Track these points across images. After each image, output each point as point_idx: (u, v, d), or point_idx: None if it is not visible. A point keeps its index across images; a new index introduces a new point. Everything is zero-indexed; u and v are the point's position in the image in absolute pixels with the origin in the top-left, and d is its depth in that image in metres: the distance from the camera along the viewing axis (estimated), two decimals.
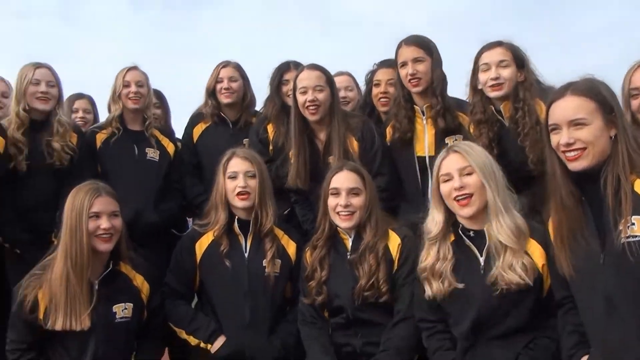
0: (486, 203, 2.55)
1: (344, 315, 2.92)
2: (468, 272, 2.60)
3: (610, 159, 2.18)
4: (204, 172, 4.12)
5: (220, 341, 3.03)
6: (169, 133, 4.32)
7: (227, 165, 3.19)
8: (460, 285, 2.57)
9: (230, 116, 4.21)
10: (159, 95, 4.61)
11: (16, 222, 3.58)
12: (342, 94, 4.21)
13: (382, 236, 2.93)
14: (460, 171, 2.56)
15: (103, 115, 4.44)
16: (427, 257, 2.66)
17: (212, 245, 3.14)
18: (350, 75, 4.52)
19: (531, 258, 2.51)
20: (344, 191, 2.94)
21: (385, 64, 3.99)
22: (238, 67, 4.26)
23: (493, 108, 3.17)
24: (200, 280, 3.17)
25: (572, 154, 2.20)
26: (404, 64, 3.35)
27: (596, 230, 2.23)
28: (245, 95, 4.25)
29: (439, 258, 2.62)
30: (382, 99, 3.92)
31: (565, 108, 2.22)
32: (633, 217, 2.10)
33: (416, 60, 3.32)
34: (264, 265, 3.11)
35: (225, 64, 4.24)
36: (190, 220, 4.53)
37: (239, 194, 3.10)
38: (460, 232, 2.65)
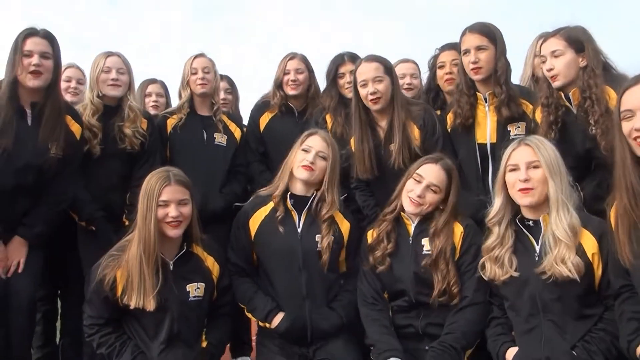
0: (546, 196, 2.62)
1: (406, 299, 3.01)
2: (524, 260, 2.70)
3: None
4: (271, 160, 4.24)
5: (278, 317, 3.13)
6: (236, 118, 4.47)
7: (305, 139, 3.30)
8: (516, 274, 2.66)
9: (297, 106, 4.31)
10: (230, 81, 4.76)
11: (91, 201, 3.79)
12: (407, 80, 4.30)
13: (448, 222, 3.01)
14: (528, 164, 2.65)
15: (175, 101, 4.63)
16: (489, 240, 2.78)
17: (266, 220, 3.25)
18: (415, 63, 4.56)
19: (583, 250, 2.59)
20: (424, 182, 3.03)
21: (448, 46, 4.01)
22: (304, 59, 4.34)
23: (562, 94, 3.13)
24: (257, 255, 3.30)
25: None
26: (467, 52, 3.35)
27: None
28: (310, 86, 4.35)
29: (499, 243, 2.73)
30: (447, 80, 3.94)
31: None
32: None
33: (479, 49, 3.31)
34: (316, 240, 3.21)
35: (292, 56, 4.33)
36: None
37: (304, 166, 3.20)
38: (518, 221, 2.74)
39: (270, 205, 3.28)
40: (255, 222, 3.28)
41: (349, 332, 3.20)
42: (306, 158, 3.21)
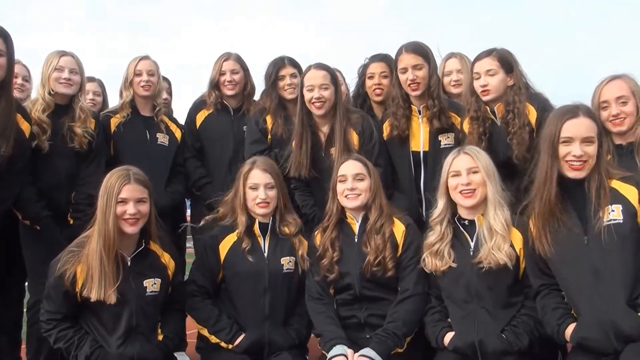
0: (485, 197, 3.02)
1: (351, 292, 3.29)
2: (460, 253, 3.08)
3: (593, 170, 2.74)
4: (206, 157, 4.48)
5: (240, 338, 3.34)
6: (175, 119, 4.60)
7: (247, 176, 3.48)
8: (454, 265, 3.04)
9: (232, 104, 4.52)
10: (168, 81, 4.87)
11: (37, 200, 3.81)
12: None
13: (388, 221, 3.31)
14: (468, 170, 3.04)
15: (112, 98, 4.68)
16: (431, 236, 3.14)
17: (235, 245, 3.45)
18: (338, 71, 4.84)
19: (512, 243, 3.00)
20: (350, 176, 3.33)
21: (377, 58, 4.33)
22: (239, 59, 4.54)
23: (488, 108, 3.54)
24: (223, 277, 3.48)
25: (579, 164, 2.72)
26: (404, 70, 3.68)
27: (578, 220, 2.76)
28: (246, 84, 4.55)
29: (440, 239, 3.10)
30: (376, 90, 4.25)
31: (581, 126, 2.75)
32: (613, 205, 2.71)
33: (416, 67, 3.65)
34: (281, 263, 3.45)
35: (227, 57, 4.51)
36: (188, 202, 4.85)
37: (259, 203, 3.42)
38: (456, 221, 3.12)
39: (236, 234, 3.47)
40: (225, 247, 3.46)
41: (299, 347, 3.48)
42: (258, 195, 3.43)
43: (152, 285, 3.20)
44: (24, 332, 4.19)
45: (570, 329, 2.75)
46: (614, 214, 2.69)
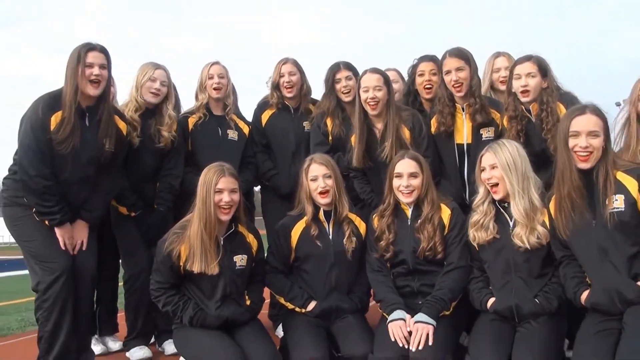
0: (506, 190, 3.58)
1: (405, 266, 3.88)
2: (502, 229, 3.63)
3: (601, 160, 3.23)
4: (272, 151, 5.08)
5: (312, 304, 3.96)
6: (243, 116, 5.20)
7: (308, 170, 4.02)
8: (497, 236, 3.60)
9: (292, 104, 5.10)
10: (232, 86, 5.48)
11: (132, 191, 4.47)
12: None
13: (437, 209, 3.86)
14: (491, 166, 3.59)
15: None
16: (475, 216, 3.70)
17: (304, 231, 4.02)
18: (396, 70, 5.39)
19: (545, 223, 3.51)
20: (405, 174, 3.86)
21: (426, 58, 4.86)
22: (295, 63, 5.11)
23: (523, 107, 4.04)
24: (296, 257, 4.08)
25: (585, 154, 3.20)
26: (449, 72, 4.20)
27: (588, 205, 3.25)
28: (302, 86, 5.12)
29: (484, 214, 3.65)
30: (426, 87, 4.78)
31: (587, 121, 3.21)
32: (616, 195, 3.17)
33: (458, 69, 4.17)
34: (344, 243, 4.03)
35: (285, 61, 5.10)
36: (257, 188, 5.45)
37: (320, 192, 3.99)
38: (497, 204, 3.68)
39: (304, 221, 4.06)
40: (296, 233, 4.03)
41: (361, 312, 4.07)
42: (318, 185, 3.97)
43: (240, 260, 3.85)
44: (119, 303, 4.89)
45: (584, 295, 3.28)
46: (617, 202, 3.15)
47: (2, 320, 7.00)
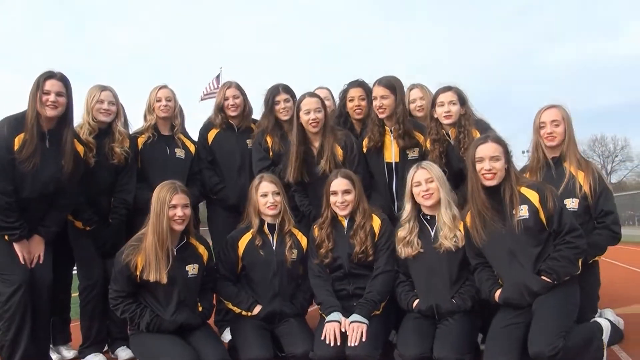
0: (439, 199, 4.12)
1: (342, 270, 4.37)
2: (424, 241, 4.16)
3: (505, 178, 3.85)
4: (219, 167, 5.47)
5: (257, 308, 4.38)
6: (189, 135, 5.55)
7: (259, 187, 4.50)
8: (422, 250, 4.13)
9: (235, 123, 5.52)
10: (179, 107, 5.81)
11: (88, 206, 4.75)
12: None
13: (369, 219, 4.37)
14: (426, 180, 4.12)
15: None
16: (401, 232, 4.22)
17: (250, 242, 4.48)
18: (327, 89, 5.88)
19: (460, 231, 4.10)
20: (339, 192, 4.36)
21: (355, 84, 5.35)
22: (238, 87, 5.54)
23: (444, 132, 4.60)
24: (243, 266, 4.51)
25: (490, 175, 3.80)
26: (375, 98, 4.73)
27: (497, 216, 3.86)
28: (245, 106, 5.55)
29: (409, 232, 4.18)
30: (356, 110, 5.28)
31: (489, 148, 3.84)
32: (521, 205, 3.79)
33: (383, 97, 4.70)
34: (286, 253, 4.46)
35: (229, 85, 5.54)
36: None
37: (269, 207, 4.46)
38: (421, 216, 4.22)
39: (251, 233, 4.51)
40: (242, 244, 4.50)
41: (302, 315, 4.51)
42: (268, 201, 4.46)
43: (192, 269, 4.24)
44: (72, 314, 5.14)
45: (498, 293, 3.86)
46: (522, 212, 3.77)
47: None
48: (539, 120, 4.36)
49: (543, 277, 3.70)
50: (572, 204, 4.12)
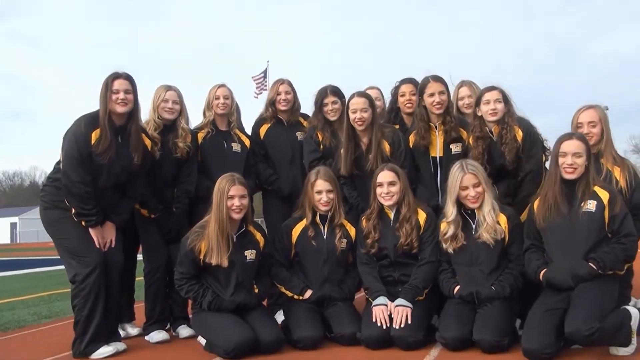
0: (484, 200, 4.39)
1: (388, 259, 4.67)
2: (466, 233, 4.43)
3: (583, 175, 4.09)
4: (271, 159, 5.82)
5: (308, 292, 4.75)
6: (245, 131, 5.92)
7: (315, 184, 4.81)
8: (465, 242, 4.41)
9: (284, 117, 5.86)
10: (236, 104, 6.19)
11: (153, 197, 5.17)
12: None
13: (414, 212, 4.65)
14: (474, 185, 4.37)
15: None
16: (447, 230, 4.49)
17: (303, 231, 4.86)
18: (378, 88, 6.17)
19: (500, 225, 4.35)
20: (385, 183, 4.65)
21: (406, 81, 5.65)
22: (290, 83, 5.90)
23: (487, 129, 4.82)
24: (296, 252, 4.89)
25: (570, 169, 4.06)
26: (432, 95, 4.94)
27: (567, 205, 4.09)
28: (295, 102, 5.90)
29: (454, 229, 4.45)
30: (407, 105, 5.58)
31: (573, 145, 4.08)
32: (591, 200, 4.03)
33: (441, 93, 4.95)
34: (335, 243, 4.81)
35: (282, 82, 5.89)
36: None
37: (322, 203, 4.79)
38: (463, 212, 4.48)
39: (304, 222, 4.87)
40: (296, 232, 4.88)
41: (349, 300, 4.86)
42: (322, 198, 4.79)
43: (250, 254, 4.62)
44: (136, 295, 5.59)
45: (544, 272, 4.11)
46: (590, 206, 4.01)
47: (16, 315, 7.58)
48: (576, 120, 4.59)
49: (590, 263, 3.92)
50: None
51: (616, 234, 3.96)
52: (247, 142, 5.78)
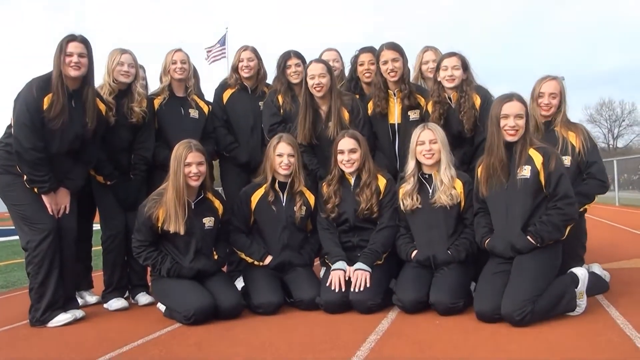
0: (439, 160, 4.42)
1: (348, 224, 4.72)
2: (423, 197, 4.49)
3: (523, 136, 4.07)
4: (232, 126, 5.76)
5: (268, 258, 4.77)
6: (203, 97, 5.83)
7: (277, 147, 4.78)
8: (420, 205, 4.47)
9: (249, 85, 5.78)
10: (194, 69, 6.08)
11: (108, 162, 5.08)
12: (330, 64, 5.60)
13: (374, 177, 4.69)
14: (430, 140, 4.41)
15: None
16: (405, 187, 4.53)
17: (262, 198, 4.82)
18: (336, 50, 6.13)
19: (456, 189, 4.42)
20: (346, 150, 4.66)
21: (365, 50, 5.65)
22: (254, 50, 5.80)
23: (446, 95, 4.86)
24: (255, 219, 4.88)
25: (512, 132, 4.04)
26: (386, 62, 4.96)
27: (505, 171, 4.09)
28: (259, 70, 5.82)
29: (411, 187, 4.49)
30: (365, 74, 5.58)
31: (515, 107, 4.04)
32: (525, 165, 4.02)
33: (394, 60, 4.95)
34: (294, 210, 4.82)
35: (245, 48, 5.78)
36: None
37: (283, 166, 4.75)
38: (420, 175, 4.52)
39: (263, 189, 4.83)
40: (255, 199, 4.84)
41: (309, 265, 4.91)
42: (282, 161, 4.76)
43: (208, 221, 4.60)
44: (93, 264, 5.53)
45: (487, 240, 4.20)
46: (525, 171, 4.00)
47: None
48: (538, 90, 4.65)
49: (528, 238, 3.98)
50: (565, 161, 4.36)
51: (552, 197, 3.98)
52: (206, 109, 5.69)
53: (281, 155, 4.77)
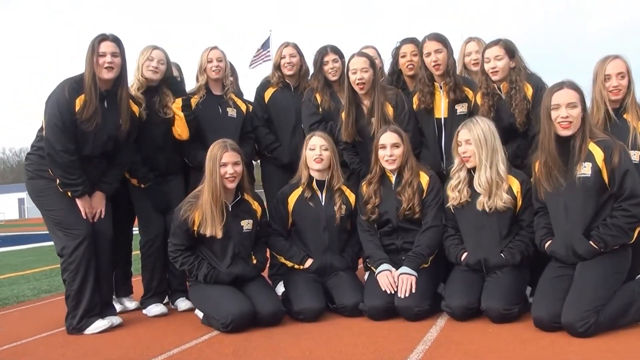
0: (478, 161, 4.13)
1: (390, 225, 4.47)
2: (474, 194, 4.19)
3: (580, 128, 3.68)
4: (274, 125, 5.58)
5: (309, 261, 4.56)
6: (241, 95, 5.67)
7: (308, 141, 4.59)
8: (470, 199, 4.18)
9: (292, 82, 5.59)
10: (232, 67, 5.93)
11: (143, 164, 4.94)
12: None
13: (416, 176, 4.43)
14: (466, 141, 4.13)
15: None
16: (454, 180, 4.26)
17: (300, 198, 4.61)
18: (373, 47, 5.88)
19: (511, 189, 4.11)
20: (388, 145, 4.41)
21: (407, 40, 5.37)
22: (295, 46, 5.60)
23: (495, 86, 4.53)
24: (294, 221, 4.68)
25: (566, 123, 3.67)
26: (429, 54, 4.70)
27: (563, 169, 3.74)
28: (301, 66, 5.62)
29: (459, 180, 4.22)
30: (408, 66, 5.31)
31: (565, 95, 3.67)
32: (585, 162, 3.65)
33: (437, 51, 4.67)
34: (334, 209, 4.60)
35: (286, 44, 5.60)
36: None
37: (315, 159, 4.54)
38: (470, 172, 4.23)
39: (300, 188, 4.64)
40: (292, 200, 4.63)
41: (351, 269, 4.67)
42: (315, 153, 4.54)
43: (246, 224, 4.42)
44: (133, 268, 5.43)
45: (548, 244, 3.88)
46: (585, 169, 3.63)
47: (16, 290, 7.49)
48: (603, 72, 4.12)
49: (591, 243, 3.66)
50: (633, 156, 3.94)
51: (618, 196, 3.61)
52: (244, 107, 5.52)
53: (313, 148, 4.55)
